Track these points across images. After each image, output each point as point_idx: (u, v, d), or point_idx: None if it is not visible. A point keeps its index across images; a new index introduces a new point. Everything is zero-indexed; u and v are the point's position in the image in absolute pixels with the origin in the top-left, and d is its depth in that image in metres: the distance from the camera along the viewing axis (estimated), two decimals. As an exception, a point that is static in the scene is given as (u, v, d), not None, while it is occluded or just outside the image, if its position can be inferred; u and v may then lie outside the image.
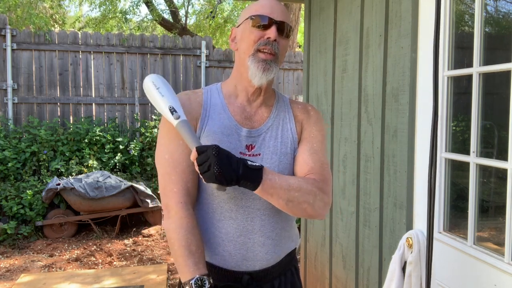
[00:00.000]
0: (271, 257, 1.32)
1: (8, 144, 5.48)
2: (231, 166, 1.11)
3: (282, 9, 1.30)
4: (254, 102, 1.35)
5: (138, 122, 6.33)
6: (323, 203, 1.26)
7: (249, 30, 1.28)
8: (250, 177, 1.13)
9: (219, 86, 1.39)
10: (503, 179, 1.46)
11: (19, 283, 3.70)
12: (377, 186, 2.16)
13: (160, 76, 1.30)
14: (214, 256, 1.29)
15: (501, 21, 1.72)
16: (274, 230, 1.32)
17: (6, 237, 4.77)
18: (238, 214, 1.28)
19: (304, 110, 1.41)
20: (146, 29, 11.00)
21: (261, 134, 1.32)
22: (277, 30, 1.26)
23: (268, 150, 1.31)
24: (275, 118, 1.36)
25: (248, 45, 1.28)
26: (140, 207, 5.18)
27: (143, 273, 3.97)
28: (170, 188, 1.25)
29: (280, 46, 1.29)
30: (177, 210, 1.23)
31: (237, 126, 1.31)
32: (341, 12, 2.56)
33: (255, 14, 1.28)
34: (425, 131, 1.83)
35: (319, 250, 2.92)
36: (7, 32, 5.88)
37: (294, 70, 7.23)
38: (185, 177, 1.25)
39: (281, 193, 1.19)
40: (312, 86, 3.01)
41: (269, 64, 1.26)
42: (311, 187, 1.24)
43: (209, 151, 1.10)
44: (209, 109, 1.32)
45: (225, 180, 1.10)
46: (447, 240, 1.71)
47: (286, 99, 1.44)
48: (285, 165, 1.32)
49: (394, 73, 2.01)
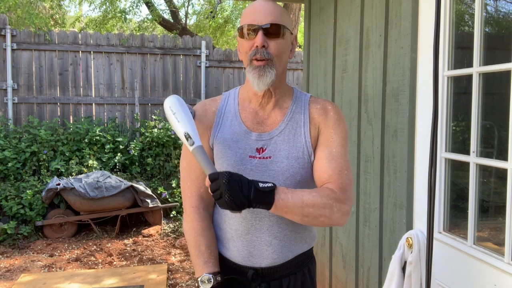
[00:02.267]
0: (277, 257, 1.34)
1: (8, 144, 5.48)
2: (242, 192, 1.12)
3: (269, 10, 1.27)
4: (266, 105, 1.36)
5: (138, 122, 6.33)
6: (341, 213, 1.23)
7: (240, 41, 1.31)
8: (261, 200, 1.14)
9: (237, 91, 1.43)
10: (503, 179, 1.46)
11: (19, 283, 3.70)
12: (377, 186, 2.16)
13: (178, 98, 1.31)
14: (225, 250, 1.38)
15: (501, 21, 1.72)
16: (282, 231, 1.33)
17: (6, 237, 4.77)
18: (248, 213, 1.32)
19: (322, 111, 1.36)
20: (146, 29, 11.00)
21: (273, 138, 1.33)
22: (264, 35, 1.25)
23: (279, 153, 1.31)
24: (288, 122, 1.35)
25: (244, 57, 1.31)
26: (140, 207, 5.18)
27: (143, 273, 3.97)
28: (185, 193, 1.37)
29: (272, 48, 1.26)
30: (189, 213, 1.35)
31: (247, 130, 1.34)
32: (341, 12, 2.56)
33: (241, 24, 1.29)
34: (425, 131, 1.83)
35: (319, 250, 2.92)
36: (7, 32, 5.88)
37: (294, 70, 7.22)
38: (198, 183, 1.35)
39: (295, 210, 1.18)
40: (312, 86, 3.01)
41: (263, 70, 1.26)
42: (327, 199, 1.21)
43: (220, 179, 1.12)
44: (223, 117, 1.38)
45: (237, 207, 1.12)
46: (447, 240, 1.71)
47: (306, 99, 1.40)
48: (296, 169, 1.31)
49: (394, 73, 2.01)
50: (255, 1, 1.32)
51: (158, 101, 6.50)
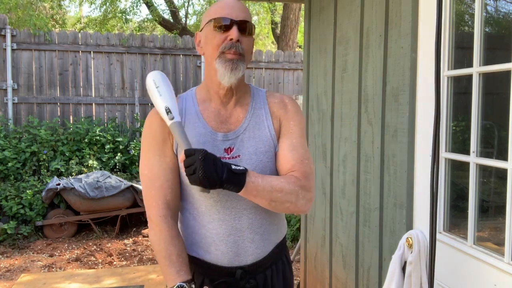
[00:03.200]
0: (261, 251, 1.37)
1: (8, 144, 5.48)
2: (216, 171, 1.15)
3: (242, 7, 1.30)
4: (228, 104, 1.37)
5: (138, 122, 6.34)
6: (305, 200, 1.30)
7: (212, 33, 1.29)
8: (233, 181, 1.18)
9: (194, 92, 1.41)
10: (503, 179, 1.46)
11: (19, 283, 3.70)
12: (377, 186, 2.16)
13: (162, 74, 1.33)
14: (208, 254, 1.35)
15: (501, 21, 1.72)
16: (262, 225, 1.36)
17: (6, 237, 4.77)
18: (226, 215, 1.32)
19: (281, 104, 1.40)
20: (146, 29, 11.00)
21: (239, 136, 1.34)
22: (238, 30, 1.27)
23: (247, 150, 1.33)
24: (251, 118, 1.37)
25: (213, 49, 1.29)
26: (140, 207, 5.18)
27: (143, 273, 3.97)
28: (150, 202, 1.31)
29: (244, 45, 1.29)
30: (157, 222, 1.30)
31: (212, 131, 1.33)
32: (341, 12, 2.56)
33: (214, 16, 1.29)
34: (425, 131, 1.83)
35: (319, 250, 2.92)
36: (7, 32, 5.88)
37: (294, 70, 7.22)
38: (163, 191, 1.30)
39: (264, 194, 1.23)
40: (312, 86, 3.01)
41: (236, 63, 1.27)
42: (293, 186, 1.27)
43: (196, 155, 1.15)
44: (184, 119, 1.34)
45: (209, 184, 1.15)
46: (447, 240, 1.71)
47: (263, 94, 1.43)
48: (265, 164, 1.34)
49: (394, 73, 2.01)
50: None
51: (158, 101, 6.49)
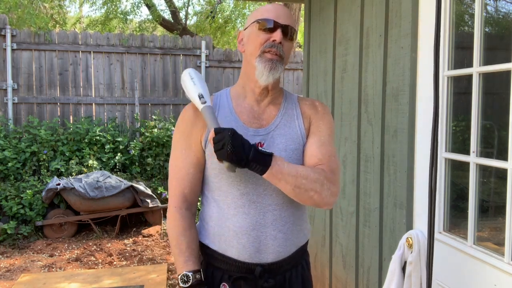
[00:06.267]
0: (282, 250, 1.38)
1: (8, 144, 5.48)
2: (243, 147, 1.21)
3: (287, 13, 1.37)
4: (262, 101, 1.42)
5: (138, 122, 6.33)
6: (330, 192, 1.32)
7: (256, 33, 1.36)
8: (260, 160, 1.22)
9: (228, 90, 1.48)
10: (503, 179, 1.46)
11: (19, 283, 3.70)
12: (377, 186, 2.16)
13: (196, 71, 1.44)
14: (230, 248, 1.36)
15: (501, 21, 1.72)
16: (285, 224, 1.38)
17: (6, 237, 4.77)
18: (251, 209, 1.35)
19: (311, 105, 1.46)
20: (146, 29, 10.99)
21: (270, 132, 1.39)
22: (282, 33, 1.33)
23: (277, 147, 1.37)
24: (283, 116, 1.42)
25: (255, 47, 1.36)
26: (140, 207, 5.18)
27: (143, 273, 3.97)
28: (171, 191, 1.41)
29: (285, 48, 1.35)
30: (172, 212, 1.39)
31: (244, 126, 1.38)
32: (341, 12, 2.56)
33: (261, 18, 1.36)
34: (425, 131, 1.83)
35: (319, 250, 2.92)
36: (7, 32, 5.87)
37: (294, 70, 7.22)
38: (183, 183, 1.38)
39: (289, 179, 1.26)
40: (312, 86, 3.01)
41: (275, 64, 1.33)
42: (319, 176, 1.30)
43: (225, 132, 1.21)
44: (217, 113, 1.40)
45: (236, 159, 1.20)
46: (447, 240, 1.71)
47: (295, 97, 1.49)
48: (294, 161, 1.37)
49: (394, 73, 2.01)
50: (274, 3, 1.40)
51: (158, 101, 6.50)
